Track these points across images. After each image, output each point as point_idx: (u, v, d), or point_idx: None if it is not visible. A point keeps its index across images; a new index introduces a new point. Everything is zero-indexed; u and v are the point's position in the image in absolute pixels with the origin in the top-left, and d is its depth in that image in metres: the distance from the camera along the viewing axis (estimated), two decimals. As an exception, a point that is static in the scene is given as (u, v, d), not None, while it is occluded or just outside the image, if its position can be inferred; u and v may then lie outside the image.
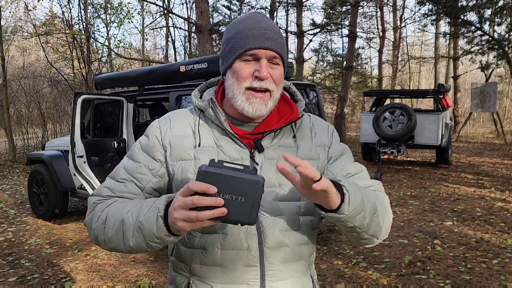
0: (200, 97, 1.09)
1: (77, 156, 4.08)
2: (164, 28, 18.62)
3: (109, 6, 11.40)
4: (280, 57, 0.98)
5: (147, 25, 18.23)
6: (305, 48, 16.53)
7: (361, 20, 19.20)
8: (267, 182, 0.94)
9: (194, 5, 12.89)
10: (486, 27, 12.55)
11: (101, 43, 11.47)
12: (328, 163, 1.08)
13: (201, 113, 1.05)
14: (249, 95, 0.96)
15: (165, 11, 12.82)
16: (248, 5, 19.00)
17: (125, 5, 11.16)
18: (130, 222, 0.88)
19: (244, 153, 1.00)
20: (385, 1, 17.35)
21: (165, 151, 1.02)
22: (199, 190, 0.74)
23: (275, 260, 0.98)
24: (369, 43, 21.17)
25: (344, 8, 18.08)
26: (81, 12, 11.77)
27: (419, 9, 22.87)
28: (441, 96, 8.70)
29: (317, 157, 1.05)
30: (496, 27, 12.98)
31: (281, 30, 1.08)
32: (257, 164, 0.99)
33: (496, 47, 12.27)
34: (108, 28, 13.62)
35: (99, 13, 12.49)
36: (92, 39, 11.65)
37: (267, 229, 0.97)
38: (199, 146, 1.00)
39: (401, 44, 20.79)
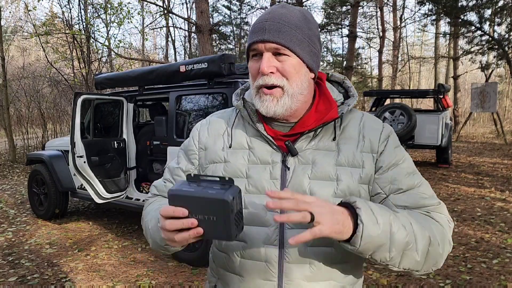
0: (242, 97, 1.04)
1: (77, 156, 4.08)
2: (164, 28, 18.62)
3: (109, 6, 11.40)
4: (286, 47, 0.87)
5: (147, 25, 18.23)
6: (305, 48, 16.49)
7: (361, 20, 19.22)
8: (297, 188, 0.89)
9: (194, 5, 12.89)
10: (486, 27, 12.54)
11: (101, 43, 11.45)
12: (377, 173, 0.92)
13: (239, 113, 1.02)
14: (261, 93, 0.91)
15: (165, 11, 12.82)
16: (248, 5, 18.99)
17: (125, 5, 11.16)
18: (148, 227, 0.96)
19: (275, 156, 0.93)
20: (385, 1, 17.34)
21: (199, 154, 1.03)
22: (168, 216, 0.75)
23: (296, 277, 0.89)
24: (369, 43, 21.17)
25: (344, 8, 18.09)
26: (81, 12, 11.77)
27: (419, 9, 22.86)
28: (441, 96, 8.70)
29: (360, 164, 0.91)
30: (496, 27, 12.97)
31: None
32: (288, 168, 0.92)
33: (496, 47, 12.26)
34: (108, 28, 13.61)
35: (99, 13, 12.48)
36: (92, 39, 11.65)
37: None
38: (229, 147, 0.98)
39: (401, 44, 20.79)
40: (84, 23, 11.64)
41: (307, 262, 0.89)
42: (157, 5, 10.34)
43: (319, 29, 0.96)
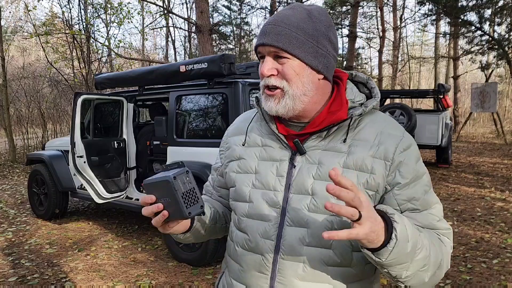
0: None
1: (77, 156, 4.08)
2: (164, 28, 18.63)
3: (109, 6, 11.40)
4: (285, 50, 0.87)
5: (147, 25, 18.23)
6: (305, 48, 16.49)
7: (361, 20, 19.22)
8: (300, 187, 0.90)
9: (194, 5, 12.89)
10: (486, 27, 12.54)
11: (101, 43, 11.45)
12: (396, 188, 0.88)
13: (257, 112, 1.07)
14: (265, 94, 0.94)
15: (165, 11, 12.82)
16: (248, 5, 18.99)
17: (125, 5, 11.16)
18: None
19: (284, 154, 0.95)
20: (385, 1, 17.34)
21: (225, 153, 1.09)
22: (142, 203, 0.84)
23: (288, 274, 0.90)
24: (369, 43, 21.17)
25: (344, 8, 18.09)
26: (81, 12, 11.78)
27: (419, 9, 22.85)
28: (441, 96, 8.70)
29: (369, 170, 0.88)
30: (496, 27, 12.96)
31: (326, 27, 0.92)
32: (294, 166, 0.93)
33: (496, 47, 12.26)
34: (108, 28, 13.63)
35: (99, 13, 12.50)
36: (92, 39, 11.65)
37: (287, 240, 0.90)
38: (243, 145, 1.03)
39: (401, 44, 20.78)
40: (84, 23, 11.65)
41: (301, 261, 0.89)
42: (157, 5, 10.34)
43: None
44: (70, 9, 17.93)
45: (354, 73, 1.00)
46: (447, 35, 17.40)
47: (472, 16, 20.99)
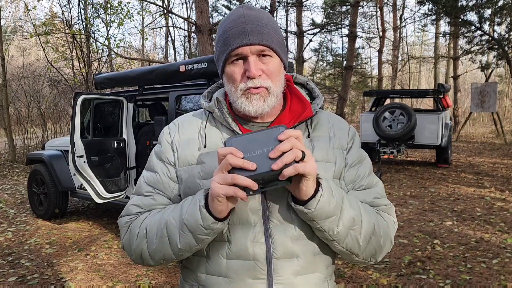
0: (211, 99, 1.04)
1: (77, 156, 4.08)
2: (164, 28, 18.63)
3: (109, 6, 11.40)
4: (270, 48, 0.91)
5: (147, 25, 18.22)
6: (305, 48, 16.55)
7: (361, 20, 19.22)
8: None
9: (194, 5, 12.89)
10: (486, 27, 12.55)
11: (101, 43, 11.46)
12: (344, 170, 0.99)
13: (210, 115, 1.02)
14: (248, 94, 0.92)
15: (165, 11, 12.82)
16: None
17: (125, 5, 11.16)
18: (174, 225, 0.89)
19: None
20: (385, 1, 17.34)
21: (174, 155, 1.00)
22: (233, 160, 0.75)
23: (285, 272, 0.90)
24: (369, 43, 21.18)
25: (344, 8, 18.09)
26: (81, 12, 11.78)
27: (419, 9, 22.89)
28: (441, 96, 8.70)
29: (334, 160, 0.97)
30: (496, 27, 12.98)
31: (280, 27, 1.02)
32: None
33: (496, 47, 12.27)
34: (108, 28, 13.61)
35: (99, 13, 12.49)
36: (92, 39, 11.65)
37: (276, 238, 0.90)
38: (204, 147, 0.97)
39: (401, 44, 20.80)
40: (84, 23, 11.65)
41: (294, 256, 0.91)
42: (157, 5, 10.34)
43: (319, 29, 0.96)
44: (70, 9, 18.00)
45: (294, 75, 1.06)
46: (447, 35, 17.42)
47: (472, 16, 20.99)
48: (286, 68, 0.98)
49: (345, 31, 19.13)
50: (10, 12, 21.54)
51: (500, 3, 11.71)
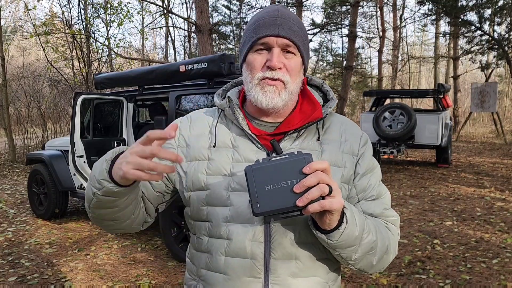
0: (224, 97, 1.04)
1: (77, 156, 4.08)
2: (164, 28, 18.63)
3: (109, 6, 11.40)
4: (296, 45, 0.91)
5: (147, 25, 18.21)
6: (305, 48, 16.46)
7: (361, 20, 19.19)
8: None
9: (194, 5, 12.88)
10: (486, 27, 12.55)
11: (101, 43, 11.46)
12: (355, 178, 0.98)
13: (222, 113, 1.02)
14: (263, 84, 0.91)
15: (165, 11, 12.82)
16: (248, 5, 18.99)
17: (125, 5, 11.17)
18: (91, 175, 0.90)
19: (260, 155, 0.94)
20: (385, 1, 17.34)
21: (177, 151, 1.00)
22: (156, 137, 0.71)
23: (282, 273, 0.90)
24: (369, 43, 21.17)
25: (344, 8, 18.08)
26: (81, 12, 11.77)
27: (419, 9, 22.88)
28: (441, 96, 8.70)
29: (343, 164, 0.95)
30: (496, 27, 12.98)
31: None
32: None
33: (496, 47, 12.26)
34: (108, 28, 13.61)
35: (99, 13, 12.48)
36: (92, 39, 11.65)
37: (276, 239, 0.90)
38: (214, 146, 0.97)
39: (401, 44, 20.79)
40: (84, 23, 11.64)
41: (292, 258, 0.91)
42: (157, 5, 10.35)
43: (319, 29, 0.97)
44: (70, 9, 17.99)
45: (310, 77, 1.06)
46: (447, 35, 17.41)
47: (472, 16, 20.97)
48: (306, 71, 0.98)
49: (345, 31, 19.12)
50: (10, 12, 21.54)
51: (500, 3, 11.71)
